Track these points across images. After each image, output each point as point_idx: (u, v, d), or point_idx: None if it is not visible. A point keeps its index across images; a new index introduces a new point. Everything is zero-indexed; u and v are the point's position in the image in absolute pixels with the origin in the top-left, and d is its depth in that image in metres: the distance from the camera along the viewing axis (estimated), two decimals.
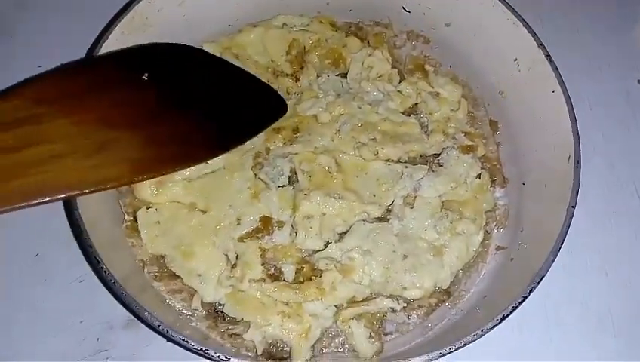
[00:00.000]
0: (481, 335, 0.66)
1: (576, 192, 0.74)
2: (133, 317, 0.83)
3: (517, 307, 0.67)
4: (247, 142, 0.88)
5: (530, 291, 0.68)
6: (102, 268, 0.68)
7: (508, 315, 0.67)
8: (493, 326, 0.66)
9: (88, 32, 0.99)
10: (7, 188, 0.64)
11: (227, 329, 0.79)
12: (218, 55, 0.96)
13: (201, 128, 0.80)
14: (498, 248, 0.87)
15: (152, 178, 0.77)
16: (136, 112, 0.77)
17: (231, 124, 0.84)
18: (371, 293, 0.81)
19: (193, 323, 0.80)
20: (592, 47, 1.13)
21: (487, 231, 0.87)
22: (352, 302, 0.80)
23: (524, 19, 0.86)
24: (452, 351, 0.65)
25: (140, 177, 0.74)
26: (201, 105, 0.82)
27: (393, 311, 0.81)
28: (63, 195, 0.67)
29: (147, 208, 0.83)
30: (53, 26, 1.10)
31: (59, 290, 0.87)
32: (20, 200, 0.64)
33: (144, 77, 0.80)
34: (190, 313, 0.80)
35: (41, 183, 0.66)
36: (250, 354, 0.78)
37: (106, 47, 0.82)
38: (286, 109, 0.90)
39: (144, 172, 0.73)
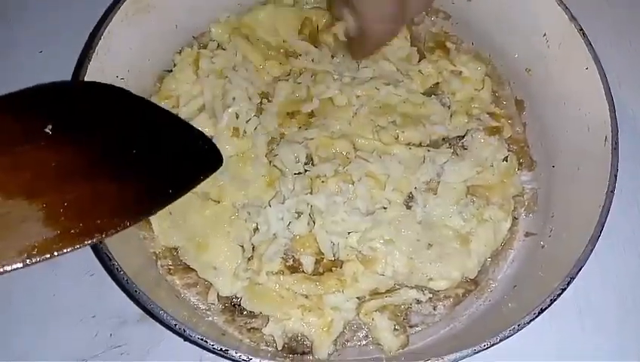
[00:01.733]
0: (518, 330, 0.62)
1: (614, 175, 0.69)
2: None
3: (555, 299, 0.63)
4: (260, 128, 0.84)
5: (569, 282, 0.64)
6: (113, 265, 0.64)
7: (546, 308, 0.63)
8: (531, 320, 0.62)
9: (90, 15, 0.94)
10: None
11: (245, 324, 0.76)
12: (227, 36, 0.92)
13: (120, 192, 0.66)
14: (527, 234, 0.83)
15: (51, 258, 0.60)
16: (36, 175, 0.62)
17: (155, 184, 0.69)
18: (395, 284, 0.77)
19: (209, 318, 0.77)
20: (622, 18, 1.07)
21: (515, 217, 0.83)
22: (375, 293, 0.77)
23: None
24: (487, 348, 0.61)
25: (35, 259, 0.58)
26: (119, 161, 0.68)
27: (418, 302, 0.78)
28: None
29: None
30: (53, 11, 1.06)
31: (69, 284, 0.84)
32: None
33: (47, 129, 0.64)
34: (206, 307, 0.77)
35: None
36: (270, 349, 0.75)
37: (110, 31, 0.78)
38: (221, 162, 0.76)
39: (41, 252, 0.59)
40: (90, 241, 0.62)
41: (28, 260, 0.58)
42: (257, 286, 0.76)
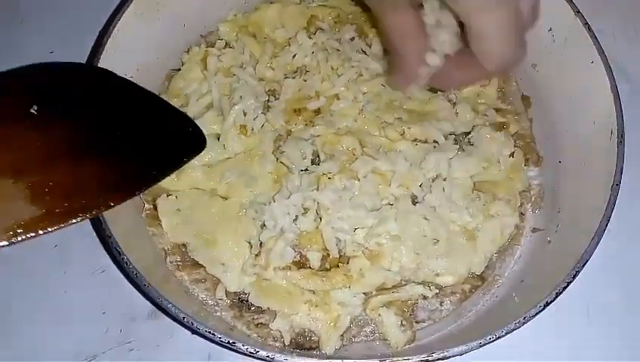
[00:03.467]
0: (524, 323, 0.62)
1: (620, 170, 0.69)
2: (155, 308, 0.81)
3: (560, 293, 0.63)
4: (267, 125, 0.85)
5: (575, 276, 0.64)
6: (123, 259, 0.65)
7: (551, 301, 0.63)
8: (536, 314, 0.63)
9: (101, 16, 0.95)
10: None
11: (253, 319, 0.77)
12: (234, 35, 0.93)
13: (103, 172, 0.67)
14: (534, 230, 0.83)
15: (36, 236, 0.61)
16: (21, 155, 0.63)
17: (138, 165, 0.70)
18: (401, 280, 0.77)
19: (218, 313, 0.77)
20: (628, 9, 1.06)
21: (521, 213, 0.83)
22: (382, 289, 0.77)
23: None
24: (493, 341, 0.61)
25: (21, 238, 0.59)
26: (103, 141, 0.69)
27: (425, 298, 0.78)
28: None
29: (167, 195, 0.81)
30: (64, 11, 1.07)
31: (80, 282, 0.85)
32: None
33: (32, 110, 0.65)
34: (214, 303, 0.78)
35: None
36: (277, 344, 0.75)
37: (119, 29, 0.79)
38: (205, 143, 0.77)
39: (27, 231, 0.59)
40: (74, 220, 0.63)
41: (14, 238, 0.59)
42: (265, 282, 0.76)
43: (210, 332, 0.62)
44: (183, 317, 0.63)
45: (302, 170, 0.81)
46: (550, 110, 0.87)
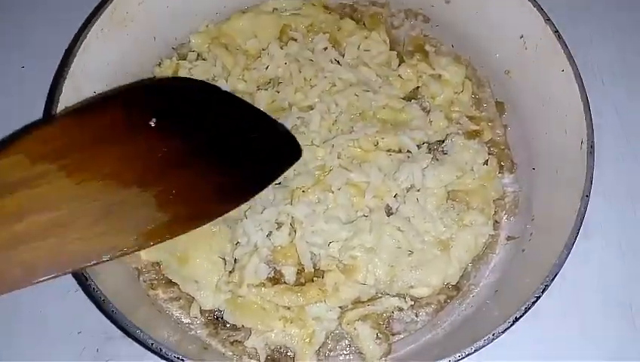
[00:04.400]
0: (493, 340, 0.62)
1: (590, 180, 0.69)
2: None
3: (530, 307, 0.63)
4: None
5: (544, 289, 0.64)
6: (90, 285, 0.65)
7: (520, 316, 0.63)
8: (505, 329, 0.62)
9: (70, 27, 0.94)
10: (7, 268, 0.56)
11: (228, 337, 0.77)
12: (206, 46, 0.92)
13: (218, 180, 0.71)
14: (508, 238, 0.83)
15: (164, 241, 0.66)
16: (145, 166, 0.67)
17: (248, 173, 0.75)
18: (377, 293, 0.77)
19: (192, 332, 0.77)
20: (603, 11, 1.05)
21: (496, 221, 0.83)
22: (357, 302, 0.77)
23: None
24: (463, 357, 0.61)
25: (152, 243, 0.64)
26: (216, 152, 0.73)
27: (400, 310, 0.78)
28: (64, 272, 0.60)
29: None
30: (31, 25, 1.05)
31: (55, 301, 0.84)
32: (20, 281, 0.57)
33: (151, 122, 0.69)
34: (189, 321, 0.78)
35: (44, 259, 0.58)
36: None
37: (85, 47, 0.78)
38: (300, 154, 0.80)
39: (156, 237, 0.64)
40: (197, 225, 0.68)
41: (145, 244, 0.64)
42: (239, 299, 0.76)
43: (178, 358, 0.62)
44: (152, 344, 0.62)
45: (275, 184, 0.81)
46: (524, 117, 0.86)
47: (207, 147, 0.73)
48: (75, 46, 0.78)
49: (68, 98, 0.76)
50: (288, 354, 0.75)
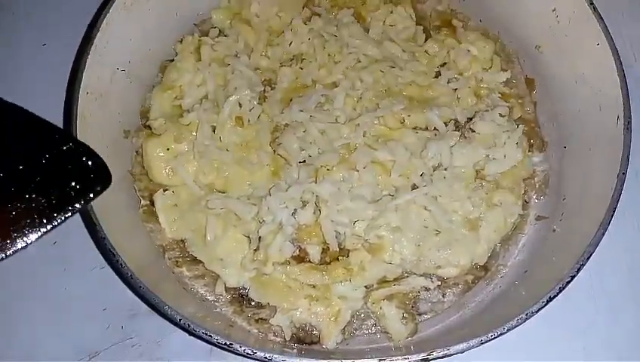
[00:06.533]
0: (526, 319, 0.61)
1: (627, 157, 0.67)
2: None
3: (564, 287, 0.62)
4: (264, 115, 0.83)
5: (579, 269, 0.62)
6: (117, 261, 0.64)
7: (555, 296, 0.62)
8: (539, 309, 0.61)
9: (91, 6, 0.93)
10: None
11: (253, 314, 0.76)
12: (228, 22, 0.90)
13: None
14: (538, 218, 0.81)
15: None
16: None
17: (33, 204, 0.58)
18: (403, 272, 0.76)
19: (218, 310, 0.77)
20: None
21: (525, 201, 0.81)
22: (383, 282, 0.76)
23: None
24: (494, 338, 0.60)
25: None
26: None
27: (427, 289, 0.77)
28: None
29: (164, 191, 0.80)
30: (57, 3, 1.04)
31: (80, 279, 0.85)
32: None
33: None
34: (214, 298, 0.77)
35: None
36: (278, 340, 0.75)
37: (108, 22, 0.77)
38: (109, 181, 0.61)
39: None
40: None
41: None
42: (264, 277, 0.75)
43: (207, 334, 0.61)
44: (180, 319, 0.62)
45: (300, 162, 0.79)
46: (555, 93, 0.84)
47: None
48: (97, 20, 0.77)
49: (90, 74, 0.75)
50: (314, 332, 0.75)
